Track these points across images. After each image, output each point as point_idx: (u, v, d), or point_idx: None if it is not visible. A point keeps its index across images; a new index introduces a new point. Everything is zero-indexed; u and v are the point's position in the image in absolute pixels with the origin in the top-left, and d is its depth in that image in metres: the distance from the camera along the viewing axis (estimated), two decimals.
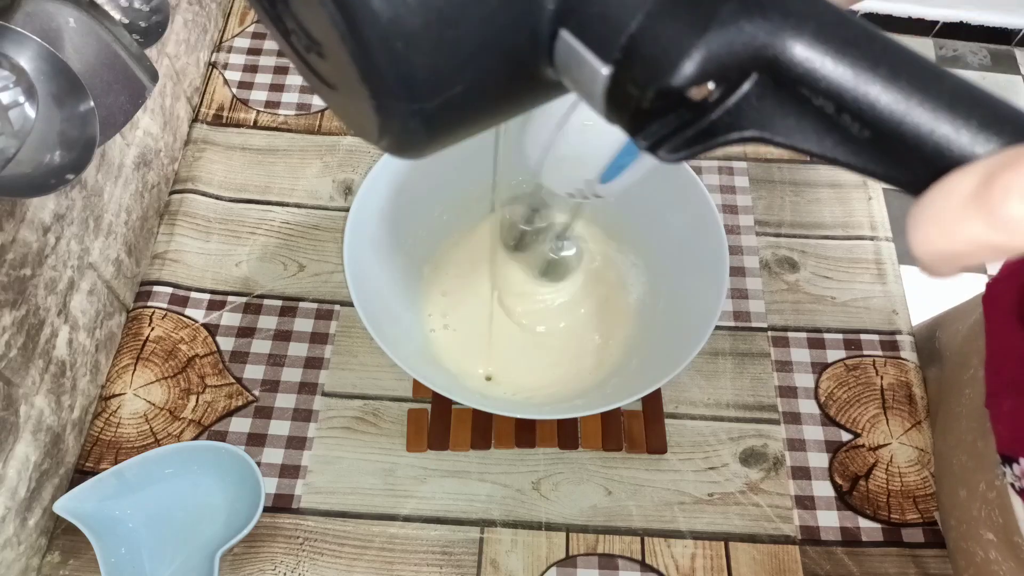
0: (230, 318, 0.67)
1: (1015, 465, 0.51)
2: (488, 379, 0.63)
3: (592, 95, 0.21)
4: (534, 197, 0.59)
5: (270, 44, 0.83)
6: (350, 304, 0.68)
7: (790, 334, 0.68)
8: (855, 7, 0.38)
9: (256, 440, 0.62)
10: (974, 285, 0.64)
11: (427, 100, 0.21)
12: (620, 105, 0.21)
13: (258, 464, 0.60)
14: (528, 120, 0.47)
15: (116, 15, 0.53)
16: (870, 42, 0.19)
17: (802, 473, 0.62)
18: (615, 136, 0.44)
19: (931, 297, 1.63)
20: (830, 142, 0.20)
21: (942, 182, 0.19)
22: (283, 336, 0.66)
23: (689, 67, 0.19)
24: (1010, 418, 0.54)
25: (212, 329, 0.66)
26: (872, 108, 0.19)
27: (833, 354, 0.67)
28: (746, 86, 0.19)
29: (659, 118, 0.20)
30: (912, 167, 0.20)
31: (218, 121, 0.78)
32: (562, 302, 0.65)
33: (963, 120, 0.19)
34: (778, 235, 0.73)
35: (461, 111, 0.22)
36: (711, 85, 0.19)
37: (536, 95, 0.24)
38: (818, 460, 0.62)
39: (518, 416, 0.53)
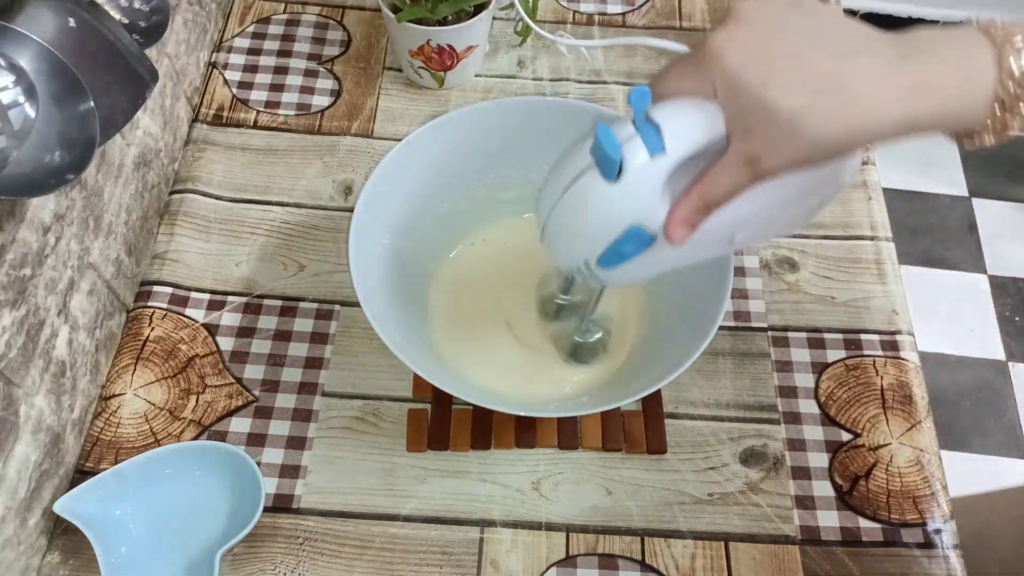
0: (230, 318, 0.67)
1: None
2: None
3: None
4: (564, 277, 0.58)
5: (270, 44, 0.83)
6: (350, 304, 0.68)
7: (790, 334, 0.68)
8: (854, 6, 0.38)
9: (256, 440, 0.62)
10: None
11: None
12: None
13: (258, 464, 0.60)
14: (541, 186, 0.44)
15: (116, 15, 0.53)
16: None
17: (802, 473, 0.62)
18: (614, 219, 0.41)
19: (931, 300, 1.63)
20: None
21: None
22: (283, 336, 0.66)
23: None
24: None
25: (212, 329, 0.66)
26: None
27: (833, 354, 0.67)
28: None
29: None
30: None
31: (218, 121, 0.78)
32: (580, 379, 0.63)
33: None
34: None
35: None
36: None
37: None
38: (818, 460, 0.62)
39: (521, 414, 0.53)
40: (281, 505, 0.59)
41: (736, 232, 0.43)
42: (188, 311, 0.67)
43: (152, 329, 0.66)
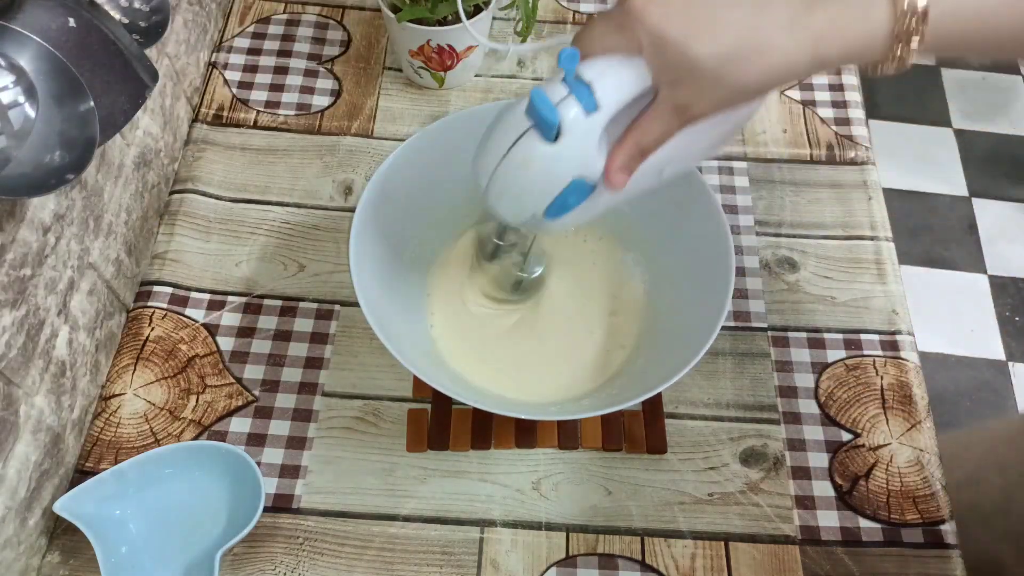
0: (230, 318, 0.67)
1: None
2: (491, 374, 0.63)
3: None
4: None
5: (270, 44, 0.83)
6: (350, 304, 0.68)
7: (790, 334, 0.68)
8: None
9: (256, 440, 0.62)
10: None
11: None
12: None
13: (258, 464, 0.60)
14: (478, 150, 0.46)
15: (116, 15, 0.53)
16: None
17: (802, 473, 0.62)
18: (557, 176, 0.44)
19: (931, 300, 1.63)
20: None
21: None
22: (283, 336, 0.66)
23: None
24: None
25: (212, 329, 0.66)
26: None
27: (833, 354, 0.67)
28: None
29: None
30: None
31: (218, 121, 0.78)
32: (581, 380, 0.64)
33: None
34: (778, 235, 0.73)
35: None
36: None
37: None
38: (818, 460, 0.62)
39: (522, 417, 0.53)
40: (281, 505, 0.59)
41: (664, 168, 0.46)
42: (188, 311, 0.67)
43: (152, 329, 0.66)
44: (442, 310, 0.66)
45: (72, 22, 0.47)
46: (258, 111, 0.78)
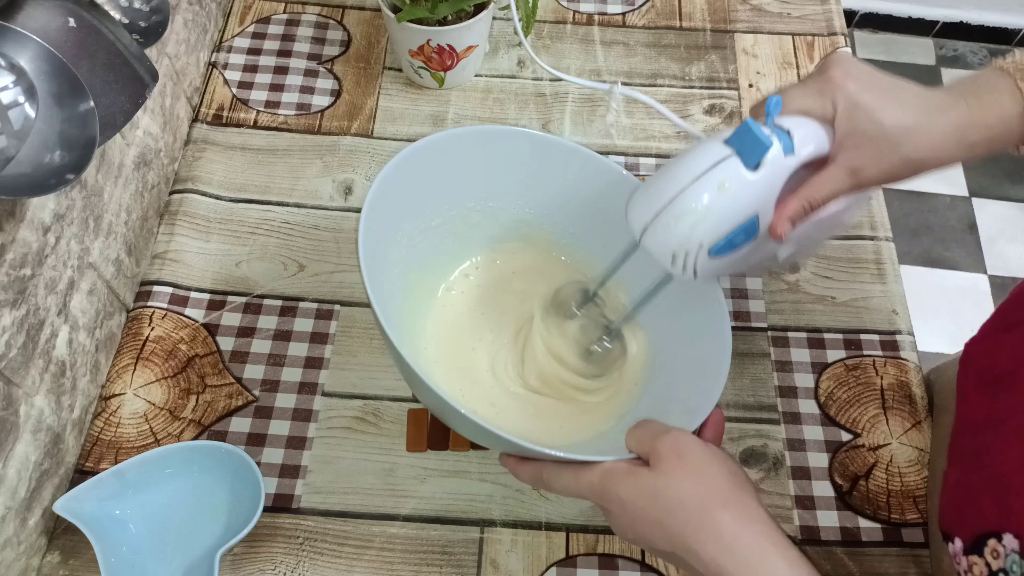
0: (230, 318, 0.67)
1: (951, 544, 0.48)
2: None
3: None
4: (590, 286, 0.58)
5: (270, 44, 0.83)
6: (350, 304, 0.68)
7: (790, 334, 0.68)
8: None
9: (256, 440, 0.62)
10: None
11: None
12: None
13: (258, 464, 0.60)
14: (649, 181, 0.48)
15: (116, 15, 0.53)
16: None
17: (802, 473, 0.62)
18: (745, 205, 0.45)
19: (931, 300, 1.63)
20: None
21: None
22: (283, 336, 0.66)
23: None
24: (952, 491, 0.51)
25: (212, 329, 0.66)
26: None
27: (833, 354, 0.67)
28: None
29: None
30: None
31: (218, 121, 0.78)
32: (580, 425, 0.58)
33: None
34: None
35: None
36: None
37: None
38: (818, 460, 0.62)
39: (530, 448, 0.48)
40: (281, 505, 0.59)
41: (784, 249, 0.50)
42: (188, 311, 0.67)
43: (152, 329, 0.66)
44: (439, 338, 0.61)
45: (72, 22, 0.47)
46: (258, 111, 0.78)
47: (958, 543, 0.48)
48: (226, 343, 0.66)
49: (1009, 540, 0.43)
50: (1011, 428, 0.48)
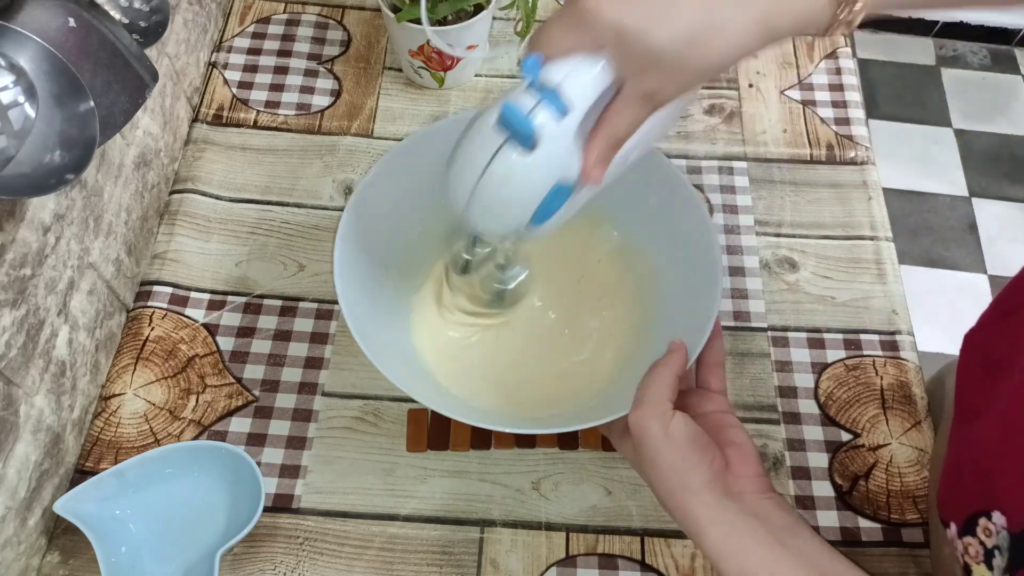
0: (230, 318, 0.67)
1: (948, 531, 0.49)
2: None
3: None
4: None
5: (270, 44, 0.83)
6: None
7: (790, 334, 0.68)
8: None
9: (256, 440, 0.62)
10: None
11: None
12: None
13: (258, 464, 0.60)
14: (449, 171, 0.46)
15: (116, 15, 0.53)
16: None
17: (802, 473, 0.62)
18: (540, 184, 0.44)
19: (931, 300, 1.63)
20: None
21: None
22: (283, 336, 0.66)
23: None
24: (946, 476, 0.52)
25: (212, 329, 0.66)
26: None
27: (833, 354, 0.67)
28: None
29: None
30: None
31: (218, 121, 0.78)
32: (499, 333, 0.63)
33: None
34: (778, 235, 0.73)
35: None
36: None
37: None
38: (818, 460, 0.62)
39: (518, 432, 0.50)
40: (281, 505, 0.59)
41: (631, 153, 0.47)
42: (188, 311, 0.67)
43: (152, 329, 0.66)
44: (427, 327, 0.63)
45: (72, 22, 0.47)
46: (258, 111, 0.78)
47: (953, 528, 0.48)
48: (226, 343, 0.66)
49: (998, 517, 0.44)
50: (998, 410, 0.48)
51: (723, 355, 0.52)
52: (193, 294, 0.68)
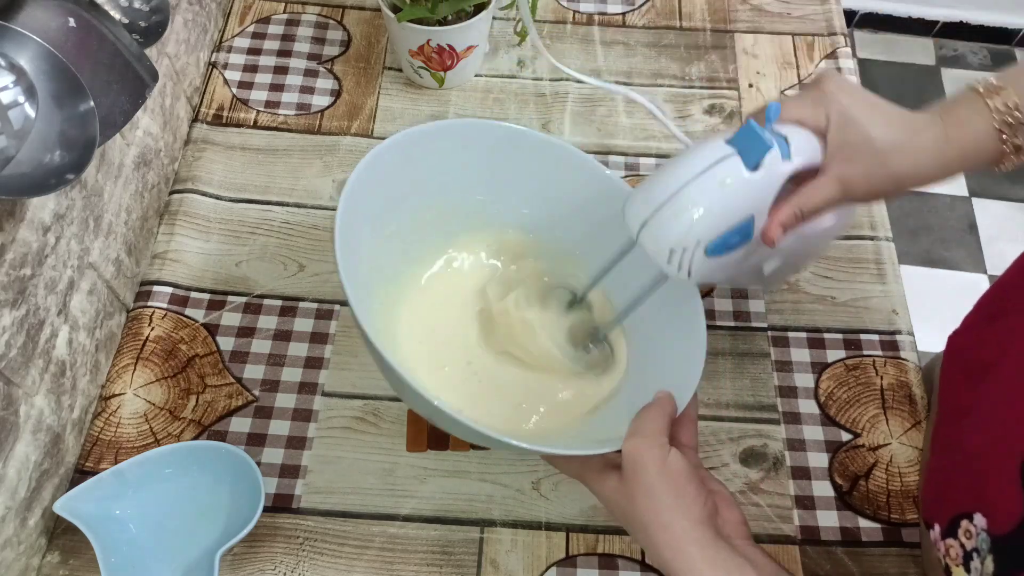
0: (230, 318, 0.67)
1: (932, 532, 0.50)
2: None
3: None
4: (577, 288, 0.58)
5: (270, 44, 0.83)
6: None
7: (790, 334, 0.68)
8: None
9: (256, 440, 0.62)
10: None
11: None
12: None
13: (258, 464, 0.60)
14: (649, 179, 0.48)
15: (116, 15, 0.53)
16: None
17: (802, 473, 0.62)
18: (744, 204, 0.46)
19: (931, 300, 1.63)
20: None
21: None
22: (283, 336, 0.66)
23: None
24: (931, 478, 0.53)
25: (212, 329, 0.66)
26: None
27: (833, 354, 0.67)
28: None
29: None
30: None
31: (218, 121, 0.78)
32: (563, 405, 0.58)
33: None
34: None
35: None
36: None
37: None
38: (818, 460, 0.62)
39: (523, 447, 0.48)
40: (281, 505, 0.59)
41: (773, 257, 0.51)
42: (188, 311, 0.67)
43: (152, 329, 0.66)
44: (414, 337, 0.59)
45: (72, 22, 0.47)
46: (258, 111, 0.78)
47: (937, 529, 0.49)
48: (226, 343, 0.66)
49: (979, 519, 0.45)
50: (983, 412, 0.49)
51: (696, 412, 0.52)
52: (193, 294, 0.68)
